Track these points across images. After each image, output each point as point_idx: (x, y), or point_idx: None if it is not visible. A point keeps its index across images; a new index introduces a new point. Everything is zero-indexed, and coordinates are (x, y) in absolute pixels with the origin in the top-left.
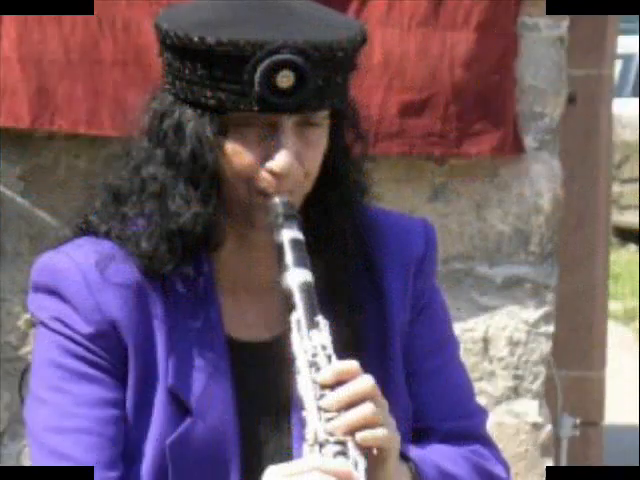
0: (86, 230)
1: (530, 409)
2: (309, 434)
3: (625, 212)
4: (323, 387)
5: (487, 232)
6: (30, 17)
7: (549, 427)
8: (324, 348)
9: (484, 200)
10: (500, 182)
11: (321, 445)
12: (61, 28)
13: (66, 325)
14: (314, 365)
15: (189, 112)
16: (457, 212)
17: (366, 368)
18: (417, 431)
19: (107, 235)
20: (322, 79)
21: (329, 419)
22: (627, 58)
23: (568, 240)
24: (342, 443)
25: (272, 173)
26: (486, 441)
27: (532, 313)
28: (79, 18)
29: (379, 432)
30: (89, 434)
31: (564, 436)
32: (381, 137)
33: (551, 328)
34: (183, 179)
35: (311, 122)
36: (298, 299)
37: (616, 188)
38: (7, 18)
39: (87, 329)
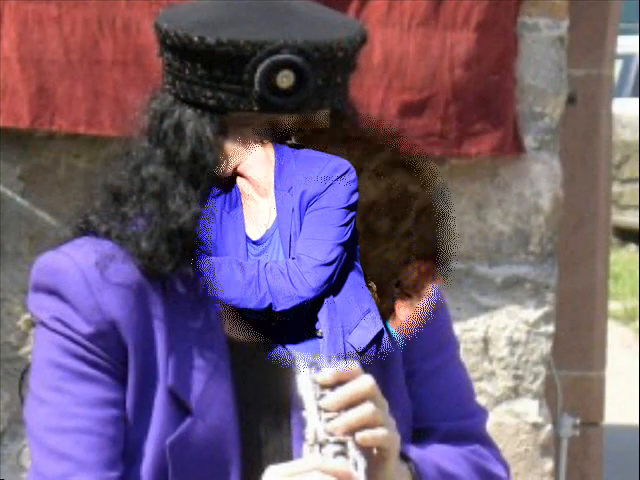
0: (86, 230)
1: (530, 409)
2: (309, 434)
3: (625, 212)
4: (323, 387)
5: (487, 232)
6: (30, 17)
7: (549, 427)
8: None
9: (484, 200)
10: (500, 182)
11: (321, 445)
12: (61, 28)
13: (66, 325)
14: (314, 365)
15: (189, 112)
16: (457, 212)
17: (366, 368)
18: (417, 431)
19: (107, 235)
20: (322, 79)
21: (329, 419)
22: (627, 58)
23: (568, 240)
24: (342, 443)
25: None
26: (486, 441)
27: (532, 313)
28: (79, 18)
29: (379, 432)
30: (89, 434)
31: (564, 436)
32: None
33: (551, 328)
34: (183, 179)
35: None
36: None
37: (616, 188)
38: (7, 18)
39: (87, 329)
